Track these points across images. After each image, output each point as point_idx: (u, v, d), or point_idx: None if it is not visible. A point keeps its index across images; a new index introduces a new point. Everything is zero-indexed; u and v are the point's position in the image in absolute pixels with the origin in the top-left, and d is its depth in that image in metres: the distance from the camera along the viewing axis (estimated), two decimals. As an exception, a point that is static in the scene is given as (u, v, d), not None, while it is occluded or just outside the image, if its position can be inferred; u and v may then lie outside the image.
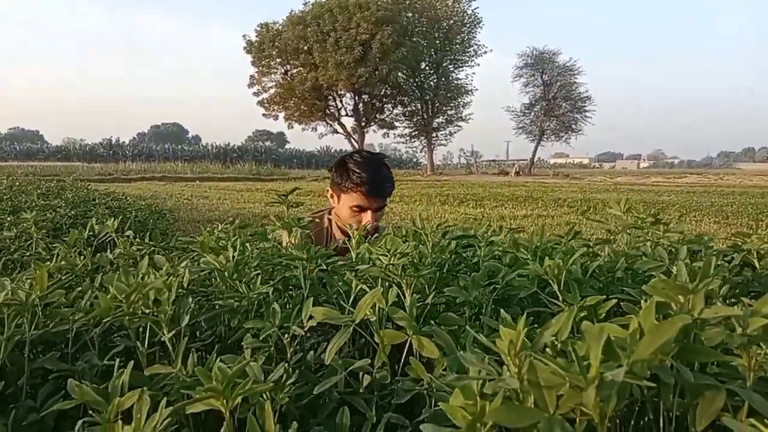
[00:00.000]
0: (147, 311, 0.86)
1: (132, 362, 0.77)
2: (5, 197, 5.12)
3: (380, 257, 0.96)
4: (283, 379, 0.73)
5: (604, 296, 0.98)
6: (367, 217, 2.20)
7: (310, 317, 0.87)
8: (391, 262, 0.92)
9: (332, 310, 0.84)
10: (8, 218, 3.99)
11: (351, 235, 1.34)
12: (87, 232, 1.56)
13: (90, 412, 0.70)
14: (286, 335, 0.86)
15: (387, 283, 0.87)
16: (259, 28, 44.65)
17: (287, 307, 0.93)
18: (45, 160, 57.33)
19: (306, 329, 0.85)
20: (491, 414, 0.52)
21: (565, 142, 51.06)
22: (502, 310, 0.88)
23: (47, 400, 0.86)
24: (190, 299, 0.91)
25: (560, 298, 1.01)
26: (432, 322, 0.92)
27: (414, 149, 54.02)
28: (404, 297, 0.89)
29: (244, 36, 45.11)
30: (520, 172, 46.58)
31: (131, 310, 0.86)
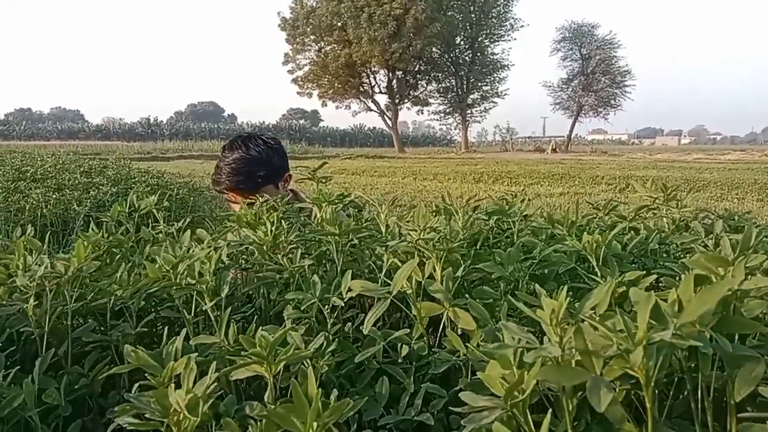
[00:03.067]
0: (192, 282, 0.89)
1: (184, 331, 0.80)
2: (50, 176, 5.29)
3: (410, 232, 0.97)
4: (324, 347, 0.75)
5: (644, 272, 0.97)
6: (235, 208, 2.06)
7: (349, 289, 0.88)
8: (421, 236, 0.92)
9: (369, 283, 0.86)
10: (53, 195, 4.14)
11: None
12: (128, 206, 1.61)
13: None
14: (326, 307, 0.88)
15: (420, 258, 0.88)
16: (293, 5, 44.58)
17: (323, 280, 0.94)
18: (86, 140, 58.83)
19: (345, 300, 0.86)
20: (540, 373, 0.53)
21: (603, 118, 49.91)
22: (538, 285, 0.89)
23: (94, 366, 0.91)
24: (231, 271, 0.94)
25: (599, 274, 1.00)
26: (467, 296, 0.93)
27: (448, 126, 53.50)
28: (435, 271, 0.90)
29: (278, 13, 45.15)
30: (557, 149, 45.81)
31: (177, 280, 0.89)
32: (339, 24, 42.30)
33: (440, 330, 0.86)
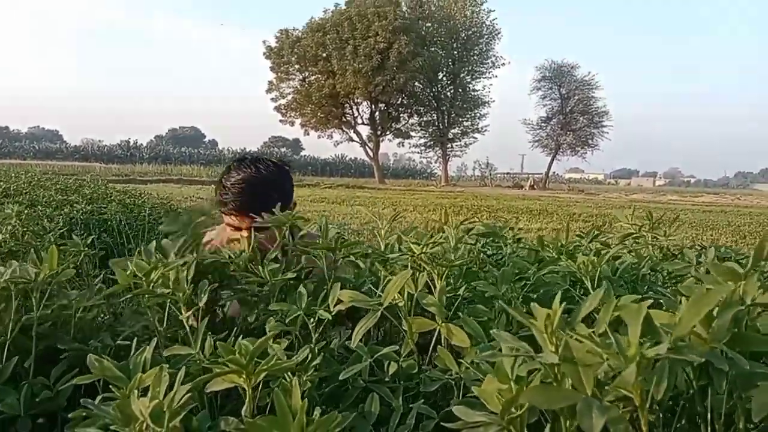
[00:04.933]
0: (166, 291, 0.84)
1: (154, 340, 0.74)
2: (24, 191, 5.15)
3: (411, 246, 0.93)
4: (308, 360, 0.70)
5: (639, 296, 0.94)
6: (243, 239, 1.84)
7: (338, 302, 0.84)
8: (423, 251, 0.88)
9: (359, 294, 0.81)
10: (25, 211, 4.00)
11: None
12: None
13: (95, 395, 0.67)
14: (312, 319, 0.83)
15: (414, 271, 0.84)
16: (279, 34, 44.96)
17: (310, 293, 0.90)
18: (63, 160, 58.07)
19: (333, 314, 0.82)
20: (526, 395, 0.48)
21: (580, 157, 50.73)
22: (533, 303, 0.85)
23: (60, 378, 0.84)
24: (207, 281, 0.89)
25: (592, 296, 0.97)
26: (460, 315, 0.89)
27: (429, 159, 53.90)
28: (434, 287, 0.86)
29: (263, 42, 45.46)
30: (535, 186, 46.34)
31: (150, 288, 0.83)
32: (324, 55, 42.70)
33: (431, 347, 0.82)
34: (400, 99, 46.17)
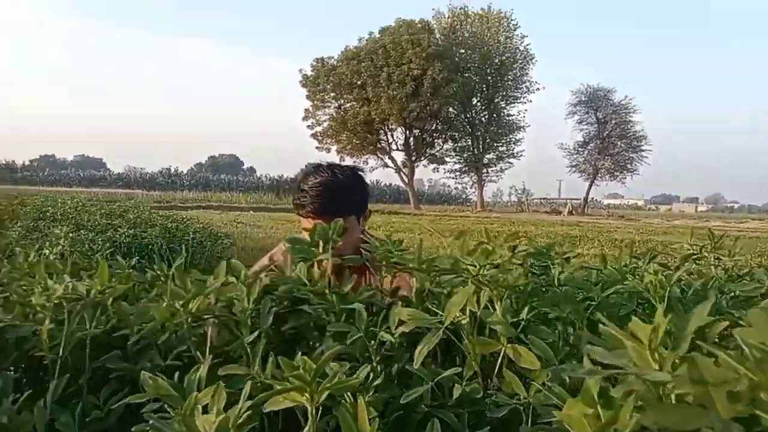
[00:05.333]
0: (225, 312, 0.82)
1: (208, 358, 0.72)
2: (70, 216, 5.29)
3: (469, 267, 0.89)
4: (371, 379, 0.67)
5: (713, 317, 0.88)
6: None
7: (399, 323, 0.80)
8: (482, 271, 0.84)
9: (419, 312, 0.78)
10: (71, 234, 4.12)
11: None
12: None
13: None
14: (373, 341, 0.80)
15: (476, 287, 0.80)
16: (315, 63, 45.78)
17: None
18: (107, 187, 59.87)
19: (396, 335, 0.78)
20: (646, 416, 0.44)
21: (620, 182, 49.83)
22: (601, 325, 0.81)
23: (110, 398, 0.83)
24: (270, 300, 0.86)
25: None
26: (521, 337, 0.85)
27: (464, 185, 53.66)
28: (494, 308, 0.82)
29: (300, 70, 46.33)
30: (573, 212, 45.65)
31: (191, 314, 0.81)
32: (359, 82, 43.24)
33: (496, 369, 0.77)
34: (434, 125, 46.33)
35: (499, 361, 0.76)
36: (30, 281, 0.99)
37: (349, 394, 0.65)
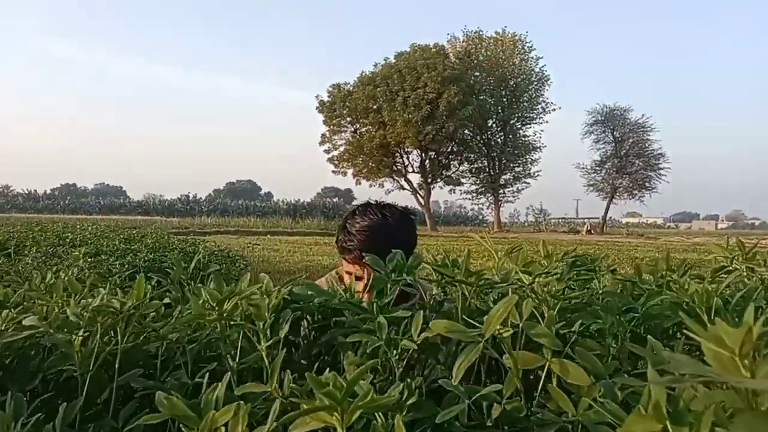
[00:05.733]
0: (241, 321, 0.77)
1: (227, 376, 0.67)
2: (89, 242, 5.32)
3: (522, 276, 0.83)
4: (405, 397, 0.61)
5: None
6: (359, 287, 1.67)
7: (422, 330, 0.74)
8: (536, 281, 0.79)
9: (455, 323, 0.72)
10: (89, 259, 4.13)
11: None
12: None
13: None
14: (395, 351, 0.74)
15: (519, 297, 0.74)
16: (331, 89, 46.30)
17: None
18: (126, 214, 60.65)
19: (419, 342, 0.72)
20: (739, 423, 0.38)
21: (638, 201, 49.32)
22: (649, 337, 0.74)
23: (130, 419, 0.78)
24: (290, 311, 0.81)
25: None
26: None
27: (480, 206, 53.48)
28: (540, 319, 0.76)
29: (316, 96, 46.84)
30: (592, 231, 45.22)
31: (224, 316, 0.77)
32: (374, 107, 43.57)
33: (540, 387, 0.71)
34: (449, 147, 46.42)
35: (543, 376, 0.70)
36: (48, 300, 0.95)
37: (380, 413, 0.60)
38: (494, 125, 47.99)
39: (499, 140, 47.78)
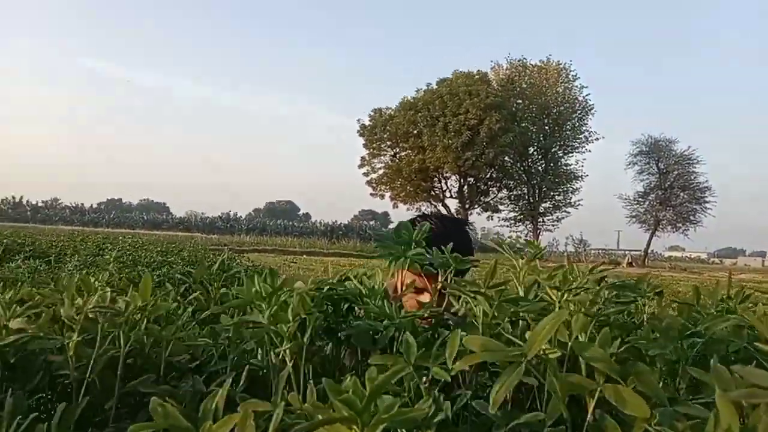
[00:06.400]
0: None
1: (228, 381, 0.60)
2: (128, 253, 5.39)
3: (552, 292, 0.75)
4: (434, 412, 0.53)
5: None
6: (425, 299, 1.66)
7: (457, 356, 0.66)
8: (567, 297, 0.70)
9: (492, 341, 0.63)
10: (126, 270, 4.18)
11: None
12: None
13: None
14: (425, 378, 0.66)
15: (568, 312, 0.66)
16: (372, 113, 46.75)
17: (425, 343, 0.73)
18: (168, 230, 61.99)
19: (453, 374, 0.63)
20: None
21: (682, 234, 47.94)
22: (712, 360, 0.65)
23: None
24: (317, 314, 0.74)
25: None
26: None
27: (518, 233, 52.76)
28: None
29: (358, 120, 47.37)
30: (633, 263, 44.09)
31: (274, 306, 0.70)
32: (415, 131, 43.76)
33: (589, 414, 0.62)
34: (489, 173, 46.15)
35: (593, 404, 0.61)
36: (57, 297, 0.91)
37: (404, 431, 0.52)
38: (535, 153, 47.57)
39: (539, 168, 47.27)
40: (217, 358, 0.85)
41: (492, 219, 49.95)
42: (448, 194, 47.39)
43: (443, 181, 47.01)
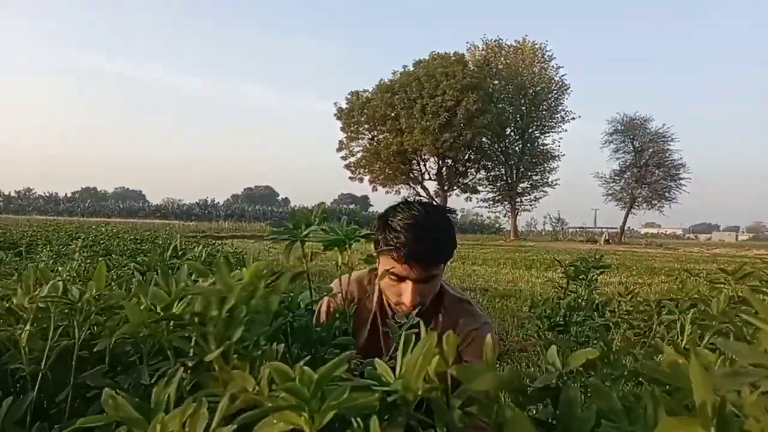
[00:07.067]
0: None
1: (179, 371, 0.59)
2: (100, 242, 5.31)
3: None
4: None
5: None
6: (406, 289, 1.65)
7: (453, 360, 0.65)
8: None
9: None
10: (99, 259, 4.12)
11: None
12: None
13: None
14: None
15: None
16: (349, 96, 46.48)
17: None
18: (144, 218, 61.30)
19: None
20: None
21: (657, 211, 48.71)
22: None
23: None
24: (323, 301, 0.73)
25: None
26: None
27: (496, 214, 53.07)
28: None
29: (335, 103, 47.07)
30: (610, 240, 44.74)
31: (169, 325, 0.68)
32: (392, 114, 43.65)
33: None
34: (467, 154, 46.30)
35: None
36: (11, 288, 0.89)
37: (358, 419, 0.52)
38: (512, 133, 47.80)
39: (517, 148, 47.54)
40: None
41: (471, 200, 50.26)
42: (426, 176, 47.52)
43: (422, 163, 47.09)
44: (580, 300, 1.70)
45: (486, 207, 50.69)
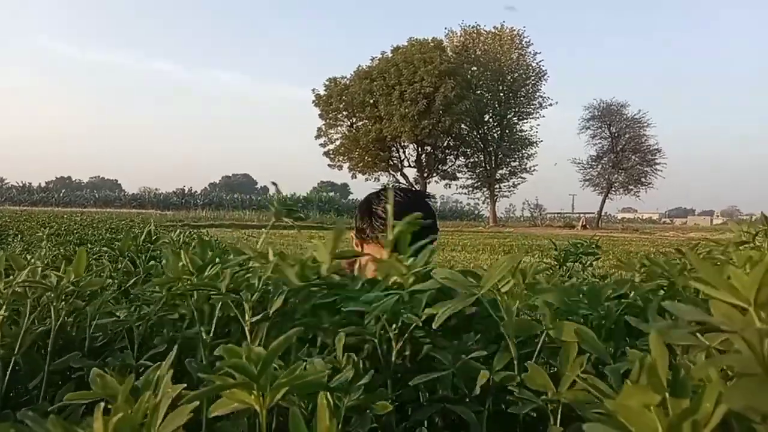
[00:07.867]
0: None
1: (173, 352, 0.59)
2: (74, 231, 5.23)
3: None
4: (353, 377, 0.53)
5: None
6: None
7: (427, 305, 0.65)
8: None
9: (457, 274, 0.65)
10: (72, 248, 4.05)
11: None
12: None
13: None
14: (394, 326, 0.65)
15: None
16: (327, 83, 46.14)
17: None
18: (121, 207, 60.45)
19: (423, 318, 0.63)
20: (730, 395, 0.31)
21: (634, 196, 49.36)
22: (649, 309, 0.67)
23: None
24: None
25: None
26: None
27: (476, 201, 53.34)
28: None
29: (313, 90, 46.70)
30: (587, 225, 45.21)
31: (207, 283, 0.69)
32: (371, 101, 43.48)
33: (534, 358, 0.63)
34: (446, 141, 46.38)
35: (537, 349, 0.63)
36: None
37: (327, 395, 0.52)
38: (491, 120, 47.97)
39: (495, 135, 47.73)
40: (149, 331, 0.84)
41: (450, 187, 50.42)
42: (406, 163, 47.53)
43: (401, 150, 47.07)
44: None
45: (465, 194, 50.96)
